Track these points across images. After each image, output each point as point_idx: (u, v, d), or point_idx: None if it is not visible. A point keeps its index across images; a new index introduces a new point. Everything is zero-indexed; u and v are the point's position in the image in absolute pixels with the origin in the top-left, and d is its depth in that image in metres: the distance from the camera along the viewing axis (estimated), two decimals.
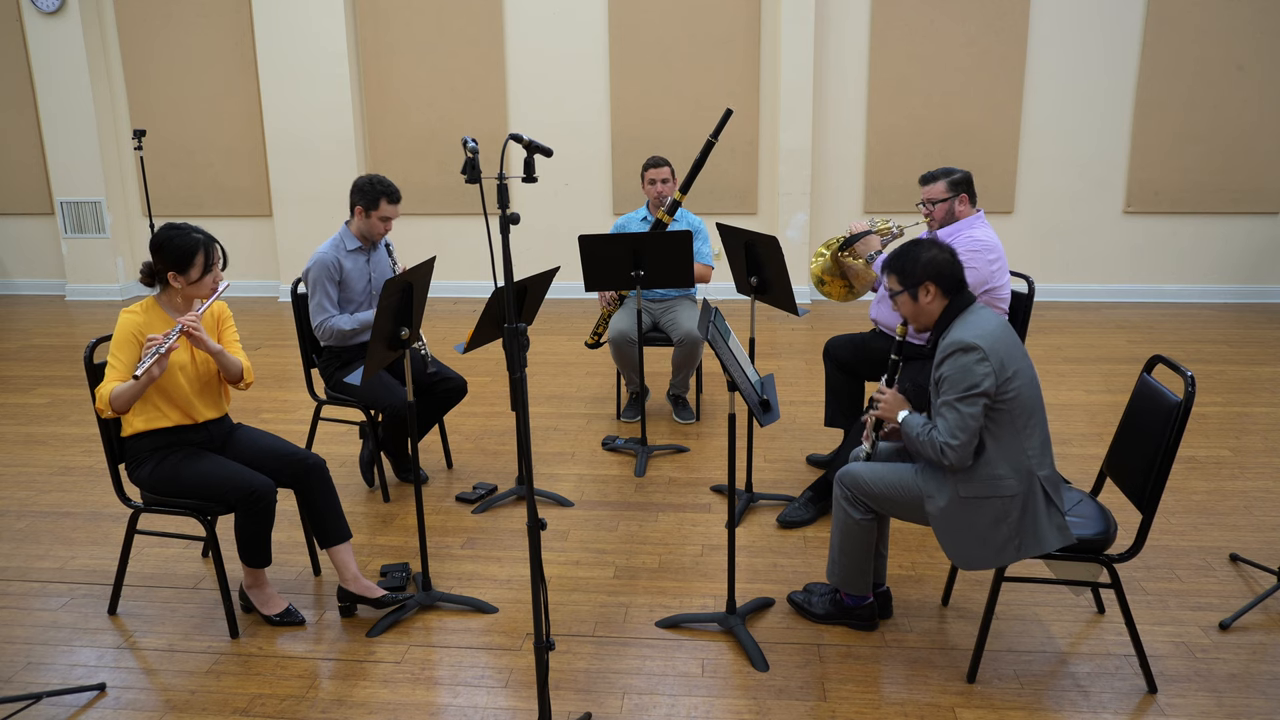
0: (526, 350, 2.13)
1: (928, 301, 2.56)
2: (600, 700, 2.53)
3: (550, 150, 2.40)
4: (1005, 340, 2.45)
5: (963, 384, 2.41)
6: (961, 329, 2.48)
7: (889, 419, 2.69)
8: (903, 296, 2.60)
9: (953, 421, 2.43)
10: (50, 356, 6.11)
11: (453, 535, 3.50)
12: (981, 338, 2.42)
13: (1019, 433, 2.44)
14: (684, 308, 4.53)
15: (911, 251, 2.59)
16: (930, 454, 2.49)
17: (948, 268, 2.55)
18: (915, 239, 2.66)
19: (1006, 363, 2.42)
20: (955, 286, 2.55)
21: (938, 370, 2.49)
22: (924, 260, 2.54)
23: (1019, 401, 2.43)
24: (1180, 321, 6.61)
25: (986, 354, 2.40)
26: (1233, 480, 3.87)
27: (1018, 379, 2.43)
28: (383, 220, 3.64)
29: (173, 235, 2.73)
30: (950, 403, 2.43)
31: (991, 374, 2.39)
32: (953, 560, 2.54)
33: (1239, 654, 2.68)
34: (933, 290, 2.55)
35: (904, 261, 2.58)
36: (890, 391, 2.71)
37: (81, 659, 2.75)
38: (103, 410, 2.65)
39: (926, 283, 2.54)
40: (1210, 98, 6.82)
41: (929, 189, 3.51)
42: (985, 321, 2.49)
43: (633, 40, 7.14)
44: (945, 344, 2.49)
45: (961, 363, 2.42)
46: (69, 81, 7.45)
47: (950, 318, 2.54)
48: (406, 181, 7.58)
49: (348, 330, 3.61)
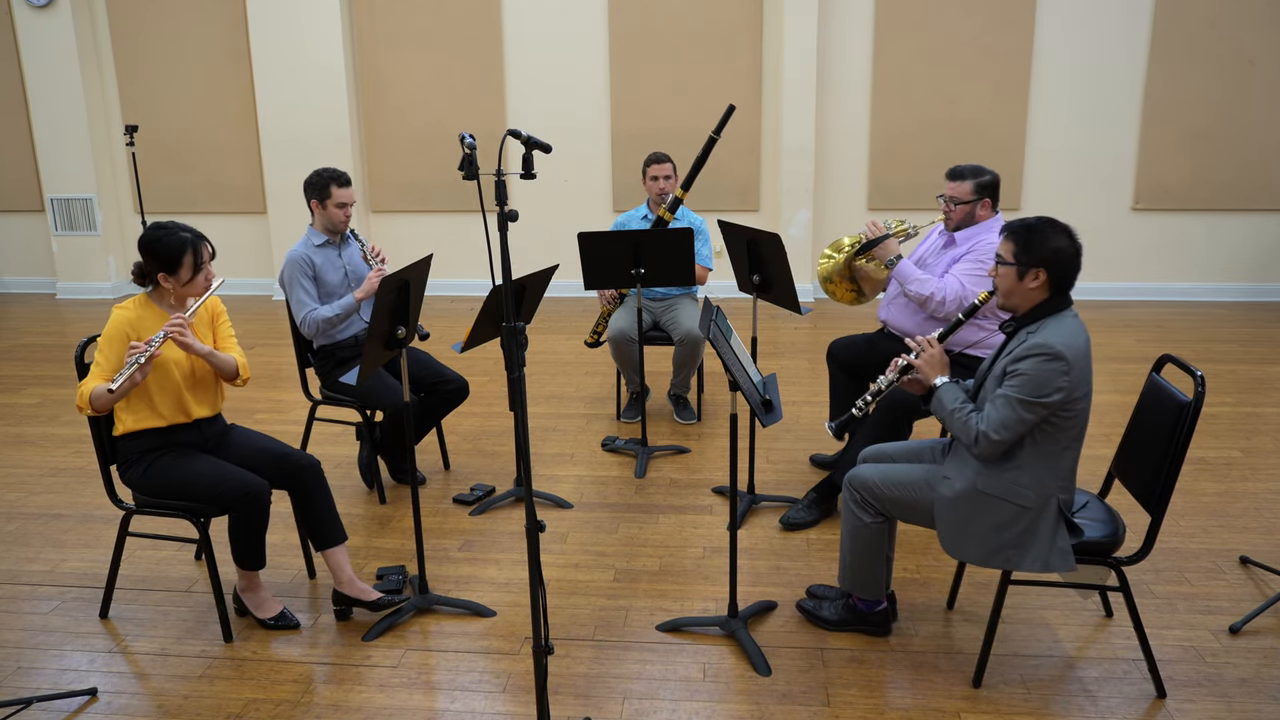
0: (525, 349, 2.09)
1: (1033, 286, 2.42)
2: (600, 705, 2.49)
3: (549, 146, 2.36)
4: (1086, 359, 2.38)
5: (1036, 389, 2.33)
6: (1056, 333, 2.37)
7: (925, 376, 2.59)
8: (1009, 269, 2.45)
9: (1005, 416, 2.36)
10: (41, 356, 6.07)
11: (450, 537, 3.46)
12: (1070, 349, 2.33)
13: (1059, 451, 2.39)
14: (685, 306, 4.48)
15: (1042, 230, 2.42)
16: (961, 433, 2.43)
17: (1070, 263, 2.41)
18: (1051, 219, 2.47)
19: (1081, 383, 2.35)
20: (1064, 284, 2.44)
21: (1015, 364, 2.38)
22: (1052, 245, 2.39)
23: (1075, 421, 2.37)
24: (1190, 320, 6.57)
25: (1070, 367, 2.32)
26: (1243, 482, 3.83)
27: (1081, 403, 2.37)
28: (339, 207, 3.62)
29: (160, 235, 2.69)
30: (1013, 399, 2.35)
31: (1066, 390, 2.32)
32: (944, 545, 2.51)
33: (1249, 658, 2.64)
34: (1042, 278, 2.41)
35: (1029, 236, 2.42)
36: (938, 346, 2.61)
37: (72, 663, 2.72)
38: (82, 408, 2.61)
39: (1041, 269, 2.41)
40: (1220, 93, 6.76)
41: (955, 187, 3.42)
42: (1077, 335, 2.39)
43: (633, 34, 7.09)
44: (1035, 343, 2.37)
45: (1046, 368, 2.32)
46: (59, 76, 7.39)
47: (1045, 313, 2.43)
48: (403, 178, 7.56)
49: (331, 317, 3.58)
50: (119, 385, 2.50)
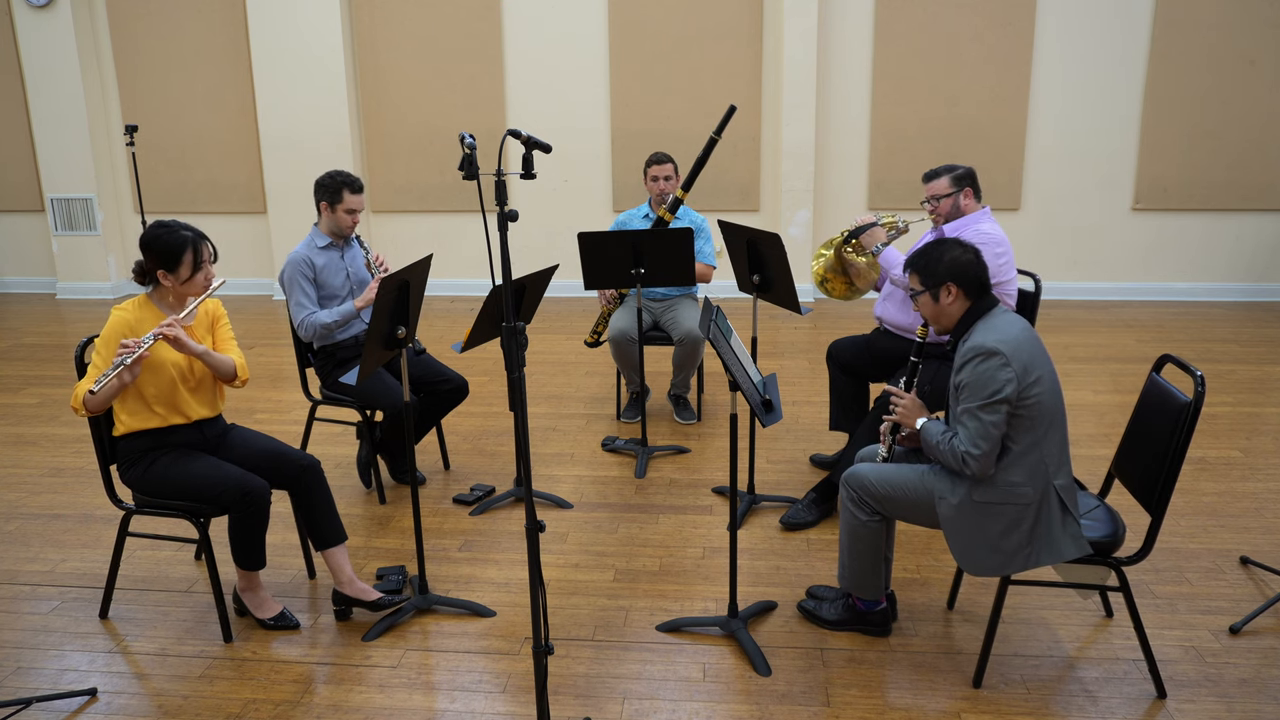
0: (525, 349, 2.08)
1: (949, 303, 2.50)
2: (600, 705, 2.49)
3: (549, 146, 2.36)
4: (1028, 344, 2.39)
5: (984, 391, 2.35)
6: (983, 333, 2.42)
7: (907, 425, 2.63)
8: (924, 297, 2.53)
9: (974, 430, 2.37)
10: (41, 356, 6.06)
11: (450, 537, 3.46)
12: (1004, 342, 2.36)
13: (1038, 439, 2.39)
14: (685, 306, 4.48)
15: (934, 251, 2.52)
16: (951, 463, 2.43)
17: (971, 269, 2.48)
18: (939, 239, 2.59)
19: (1030, 367, 2.35)
20: (978, 288, 2.48)
21: (958, 376, 2.43)
22: (946, 260, 2.48)
23: (1040, 407, 2.37)
24: (1190, 320, 6.56)
25: (1009, 359, 2.34)
26: (1243, 482, 3.82)
27: (1040, 385, 2.37)
28: (349, 213, 3.62)
29: (160, 233, 2.69)
30: (971, 410, 2.37)
31: (1014, 380, 2.33)
32: (960, 564, 2.50)
33: (1250, 659, 2.64)
34: (955, 291, 2.48)
35: (926, 260, 2.52)
36: (909, 396, 2.65)
37: (72, 663, 2.71)
38: (77, 409, 2.61)
39: (948, 283, 2.48)
40: (1221, 93, 6.76)
41: (932, 185, 3.50)
42: (1008, 325, 2.42)
43: (633, 34, 7.08)
44: (966, 349, 2.42)
45: (983, 369, 2.35)
46: (59, 76, 7.38)
47: (972, 320, 2.48)
48: (403, 178, 7.55)
49: (330, 323, 3.57)
50: (101, 387, 2.50)
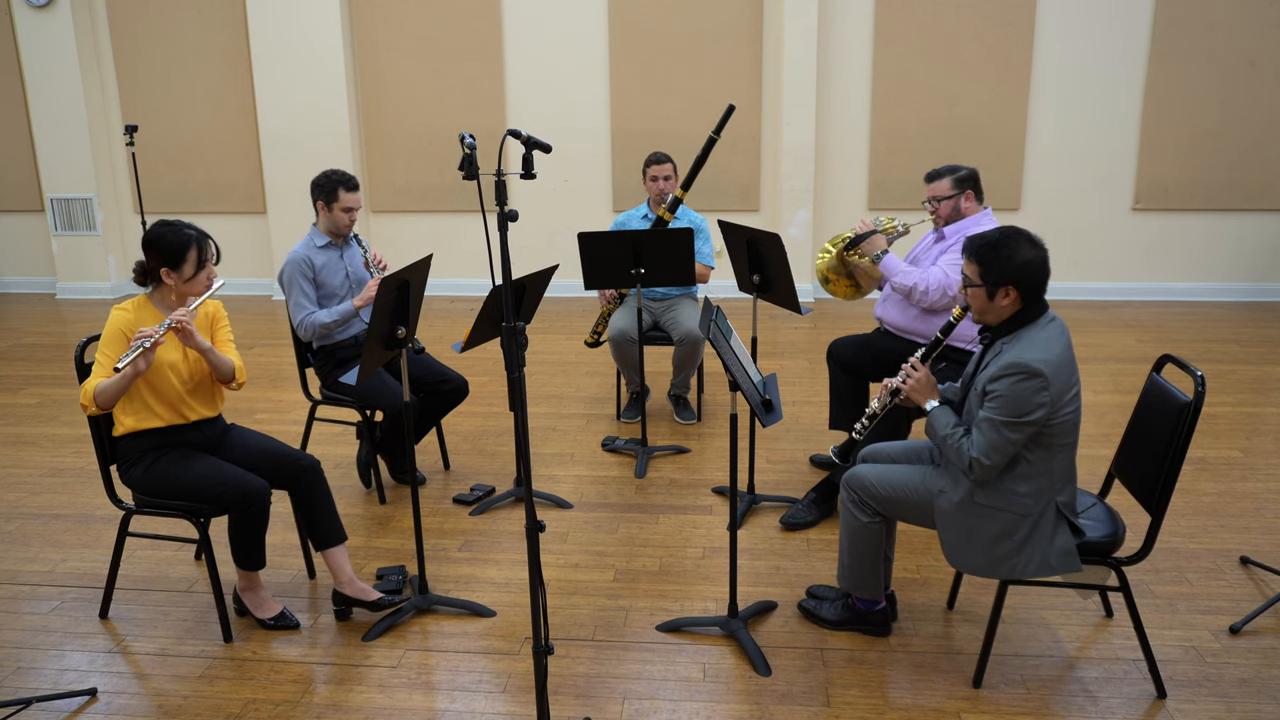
0: (525, 349, 2.08)
1: (1004, 304, 2.38)
2: (600, 705, 2.49)
3: (549, 146, 2.36)
4: (1068, 365, 2.33)
5: (1015, 410, 2.28)
6: (1029, 347, 2.31)
7: (916, 401, 2.58)
8: (978, 290, 2.40)
9: (992, 440, 2.32)
10: (41, 356, 6.06)
11: (450, 537, 3.46)
12: (1048, 364, 2.27)
13: (1051, 455, 2.36)
14: (685, 306, 4.48)
15: (1005, 245, 2.34)
16: (955, 459, 2.42)
17: (1038, 275, 2.34)
18: (1013, 230, 2.40)
19: (1064, 390, 2.30)
20: (1036, 294, 2.38)
21: (993, 383, 2.33)
22: (1017, 261, 2.32)
23: (1063, 427, 2.34)
24: (1190, 320, 6.56)
25: (1049, 382, 2.26)
26: (1243, 482, 3.82)
27: (1069, 406, 2.32)
28: (345, 211, 3.62)
29: (165, 232, 2.70)
30: (995, 422, 2.31)
31: (1048, 405, 2.28)
32: (948, 557, 2.51)
33: (1250, 658, 2.64)
34: (1013, 295, 2.35)
35: (995, 256, 2.34)
36: (923, 369, 2.59)
37: (72, 663, 2.71)
38: (86, 406, 2.61)
39: (1010, 286, 2.34)
40: (1221, 93, 6.75)
41: (934, 186, 3.50)
42: (1053, 341, 2.33)
43: (633, 34, 7.08)
44: (1008, 363, 2.31)
45: (1021, 388, 2.27)
46: (59, 76, 7.38)
47: (1018, 324, 2.39)
48: (403, 178, 7.55)
49: (329, 323, 3.57)
50: (125, 364, 2.50)
